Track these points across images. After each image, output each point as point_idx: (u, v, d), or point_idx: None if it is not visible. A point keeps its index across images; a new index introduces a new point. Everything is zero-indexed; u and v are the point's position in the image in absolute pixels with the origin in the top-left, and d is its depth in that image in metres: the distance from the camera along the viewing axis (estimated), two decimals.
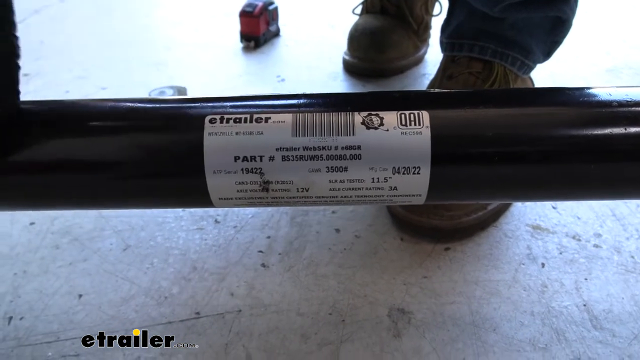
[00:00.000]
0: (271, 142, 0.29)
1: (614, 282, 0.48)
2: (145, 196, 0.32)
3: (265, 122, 0.29)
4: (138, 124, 0.30)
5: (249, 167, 0.29)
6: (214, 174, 0.30)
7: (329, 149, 0.29)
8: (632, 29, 1.07)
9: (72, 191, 0.31)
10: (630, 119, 0.29)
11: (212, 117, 0.30)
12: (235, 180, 0.30)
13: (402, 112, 0.29)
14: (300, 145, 0.29)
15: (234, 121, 0.30)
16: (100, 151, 0.30)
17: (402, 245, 0.52)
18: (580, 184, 0.31)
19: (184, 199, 0.32)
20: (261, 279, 0.49)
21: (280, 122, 0.29)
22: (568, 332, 0.43)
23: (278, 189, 0.30)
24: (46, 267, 0.51)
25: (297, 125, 0.29)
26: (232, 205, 0.32)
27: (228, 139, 0.29)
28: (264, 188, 0.30)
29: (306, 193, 0.30)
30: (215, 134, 0.29)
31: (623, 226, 0.54)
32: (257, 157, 0.29)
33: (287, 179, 0.30)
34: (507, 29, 0.55)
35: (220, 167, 0.29)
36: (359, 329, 0.44)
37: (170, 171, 0.30)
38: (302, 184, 0.30)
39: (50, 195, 0.31)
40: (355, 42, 0.87)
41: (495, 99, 0.31)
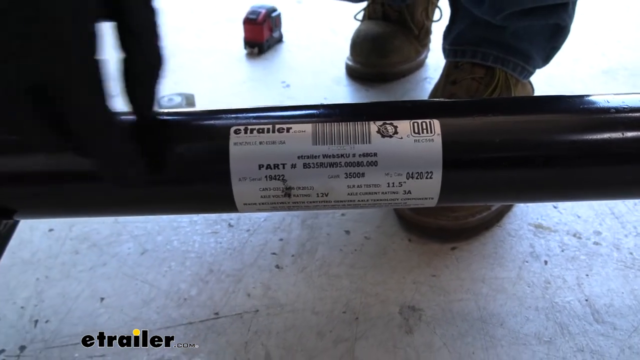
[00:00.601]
0: (293, 150, 0.31)
1: (614, 278, 0.50)
2: (175, 203, 0.34)
3: (287, 131, 0.32)
4: (168, 135, 0.32)
5: (272, 174, 0.31)
6: (239, 182, 0.32)
7: (347, 156, 0.31)
8: (626, 29, 1.10)
9: (109, 199, 0.33)
10: (627, 124, 0.31)
11: (236, 127, 0.32)
12: (259, 187, 0.32)
13: (414, 120, 0.32)
14: (320, 153, 0.31)
15: (257, 131, 0.32)
16: None
17: (410, 246, 0.54)
18: (581, 185, 0.33)
19: (210, 205, 0.34)
20: (276, 280, 0.51)
21: (301, 132, 0.31)
22: (571, 326, 0.45)
23: (299, 194, 0.32)
24: (67, 271, 0.53)
25: (316, 135, 0.31)
26: (255, 210, 0.34)
27: (252, 148, 0.31)
28: (286, 194, 0.32)
29: (326, 198, 0.32)
30: (240, 143, 0.31)
31: (621, 224, 0.57)
32: (280, 165, 0.31)
33: (308, 185, 0.32)
34: (508, 37, 0.57)
35: (245, 174, 0.31)
36: (372, 327, 0.46)
37: (199, 179, 0.32)
38: (322, 190, 0.32)
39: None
40: (358, 47, 0.89)
41: (502, 107, 0.33)
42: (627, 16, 1.17)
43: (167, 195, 0.33)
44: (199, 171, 0.32)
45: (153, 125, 0.32)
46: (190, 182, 0.32)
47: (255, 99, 0.86)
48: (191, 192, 0.33)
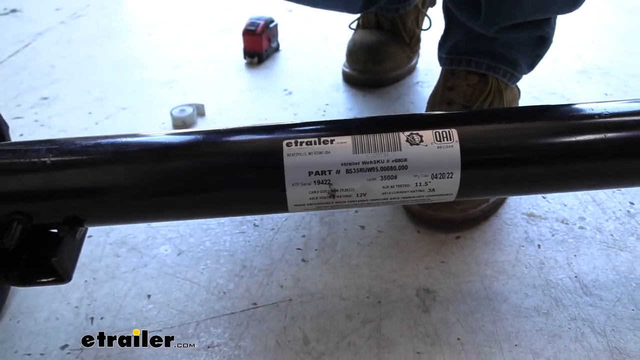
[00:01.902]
0: (337, 159, 0.37)
1: (598, 257, 0.57)
2: (234, 206, 0.40)
3: (331, 143, 0.38)
4: (230, 151, 0.38)
5: (320, 179, 0.38)
6: (292, 186, 0.38)
7: (382, 162, 0.38)
8: (598, 32, 1.19)
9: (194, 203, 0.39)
10: (608, 128, 0.38)
11: (288, 141, 0.38)
12: (309, 190, 0.38)
13: (436, 130, 0.38)
14: (360, 160, 0.37)
15: (306, 144, 0.38)
16: (204, 172, 0.38)
17: (419, 237, 0.61)
18: (573, 179, 0.40)
19: (265, 207, 0.40)
20: (304, 272, 0.57)
21: (343, 143, 0.38)
22: (564, 299, 0.52)
23: (342, 195, 0.38)
24: (112, 273, 0.58)
25: (356, 145, 0.38)
26: (302, 210, 0.40)
27: (303, 158, 0.37)
28: (331, 195, 0.38)
29: (364, 197, 0.39)
30: (292, 154, 0.37)
31: (602, 210, 0.64)
32: (327, 171, 0.37)
33: (350, 187, 0.38)
34: (498, 47, 0.64)
35: (297, 180, 0.38)
36: (394, 308, 0.52)
37: (258, 186, 0.38)
38: (362, 190, 0.38)
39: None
40: (354, 55, 0.95)
41: (507, 117, 0.40)
42: (599, 19, 1.25)
43: (228, 200, 0.39)
44: (258, 179, 0.38)
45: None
46: (250, 188, 0.38)
47: (261, 107, 0.92)
48: (250, 197, 0.39)
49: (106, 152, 0.39)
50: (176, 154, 0.39)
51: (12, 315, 0.53)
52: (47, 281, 0.39)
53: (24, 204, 0.38)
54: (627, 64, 1.02)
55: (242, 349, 0.49)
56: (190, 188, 0.39)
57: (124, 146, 0.39)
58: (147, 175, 0.38)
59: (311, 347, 0.49)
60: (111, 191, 0.39)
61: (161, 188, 0.39)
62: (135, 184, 0.38)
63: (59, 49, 1.21)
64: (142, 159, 0.39)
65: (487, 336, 0.49)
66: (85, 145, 0.39)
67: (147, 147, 0.39)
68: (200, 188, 0.39)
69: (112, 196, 0.39)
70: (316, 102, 0.92)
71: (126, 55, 1.17)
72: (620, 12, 1.30)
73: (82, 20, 1.39)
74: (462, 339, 0.49)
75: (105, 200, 0.40)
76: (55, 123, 0.90)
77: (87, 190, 0.39)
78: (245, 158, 0.38)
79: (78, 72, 1.09)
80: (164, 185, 0.38)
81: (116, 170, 0.39)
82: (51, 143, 0.39)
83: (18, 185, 0.38)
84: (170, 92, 0.98)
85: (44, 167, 0.38)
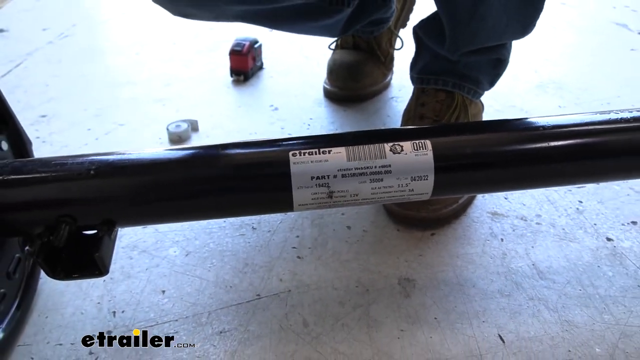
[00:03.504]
0: (334, 166, 0.46)
1: (552, 248, 0.67)
2: (249, 207, 0.48)
3: (328, 153, 0.46)
4: (245, 160, 0.46)
5: (320, 183, 0.46)
6: (298, 189, 0.46)
7: (370, 168, 0.46)
8: (553, 49, 1.31)
9: (216, 206, 0.46)
10: (550, 137, 0.48)
11: (293, 152, 0.46)
12: (311, 192, 0.46)
13: (414, 141, 0.47)
14: (353, 167, 0.46)
15: (308, 154, 0.46)
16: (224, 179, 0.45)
17: (399, 234, 0.70)
18: (525, 179, 0.50)
19: (273, 207, 0.48)
20: (300, 267, 0.65)
21: (339, 153, 0.46)
22: (524, 283, 0.62)
23: (338, 195, 0.47)
24: (127, 273, 0.65)
25: (349, 154, 0.46)
26: (305, 209, 0.48)
27: (307, 165, 0.45)
28: (330, 196, 0.47)
29: (356, 197, 0.47)
30: (297, 163, 0.46)
31: (556, 208, 0.74)
32: (326, 176, 0.46)
33: (344, 189, 0.46)
34: (462, 68, 0.73)
35: (302, 184, 0.46)
36: (379, 295, 0.61)
37: (268, 189, 0.46)
38: (354, 192, 0.47)
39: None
40: (334, 74, 1.04)
41: (471, 129, 0.49)
42: (554, 36, 1.38)
43: (244, 202, 0.47)
44: (269, 183, 0.46)
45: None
46: (262, 191, 0.46)
47: (250, 121, 1.00)
48: (263, 198, 0.47)
49: (139, 164, 0.46)
50: (200, 164, 0.46)
51: (40, 312, 0.59)
52: (89, 274, 0.46)
53: (70, 208, 0.45)
54: (578, 79, 1.14)
55: (251, 333, 0.56)
56: (212, 192, 0.46)
57: (154, 159, 0.47)
58: (176, 184, 0.46)
59: (310, 329, 0.57)
60: (143, 197, 0.46)
61: (186, 194, 0.46)
62: (164, 191, 0.46)
63: (50, 68, 1.26)
64: (170, 170, 0.46)
65: (459, 315, 0.58)
66: (121, 158, 0.46)
67: (174, 159, 0.47)
68: (219, 192, 0.46)
69: (144, 201, 0.47)
70: (301, 117, 1.01)
71: (117, 73, 1.23)
72: (573, 31, 1.43)
73: (69, 40, 1.45)
74: (438, 318, 0.57)
75: (138, 204, 0.47)
76: (57, 139, 0.96)
77: (122, 196, 0.46)
78: (258, 166, 0.46)
79: (72, 90, 1.15)
80: (189, 191, 0.46)
81: (149, 179, 0.46)
82: (91, 157, 0.47)
83: (66, 193, 0.45)
84: (164, 108, 1.05)
85: (88, 176, 0.45)
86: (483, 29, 0.67)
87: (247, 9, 0.72)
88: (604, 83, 1.12)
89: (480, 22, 0.66)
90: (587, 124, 0.48)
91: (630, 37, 1.38)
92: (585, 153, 0.47)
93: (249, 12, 0.74)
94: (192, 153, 0.47)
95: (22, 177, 0.45)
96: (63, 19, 1.61)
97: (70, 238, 0.46)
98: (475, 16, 0.65)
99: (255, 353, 0.54)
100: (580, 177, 0.50)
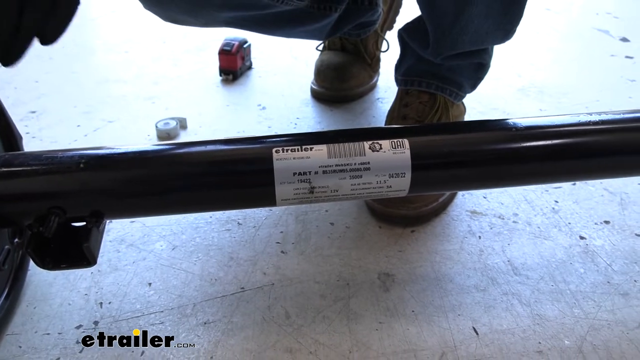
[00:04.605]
0: (315, 162, 0.48)
1: (527, 245, 0.69)
2: (233, 201, 0.49)
3: (310, 150, 0.48)
4: (230, 156, 0.48)
5: (302, 178, 0.48)
6: (280, 184, 0.48)
7: (350, 165, 0.48)
8: (537, 53, 1.34)
9: (200, 200, 0.48)
10: (522, 138, 0.50)
11: (276, 148, 0.48)
12: (293, 187, 0.48)
13: (392, 140, 0.49)
14: (333, 164, 0.48)
15: (291, 151, 0.48)
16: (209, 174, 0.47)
17: (380, 231, 0.72)
18: (499, 177, 0.52)
19: (257, 202, 0.50)
20: (283, 262, 0.67)
21: (320, 150, 0.48)
22: (499, 279, 0.64)
23: (319, 191, 0.49)
24: (115, 265, 0.66)
25: (330, 152, 0.48)
26: (288, 204, 0.50)
27: (289, 162, 0.47)
28: (311, 191, 0.48)
29: (336, 193, 0.49)
30: (280, 159, 0.47)
31: (532, 207, 0.77)
32: (307, 172, 0.48)
33: (325, 184, 0.48)
34: (445, 71, 0.76)
35: (284, 179, 0.48)
36: (360, 289, 0.63)
37: (252, 184, 0.48)
38: (334, 187, 0.49)
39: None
40: (322, 74, 1.06)
41: (447, 130, 0.51)
42: (538, 41, 1.41)
43: (228, 196, 0.49)
44: (253, 179, 0.48)
45: None
46: (247, 186, 0.48)
47: (238, 120, 1.01)
48: (247, 193, 0.49)
49: (128, 158, 0.48)
50: (186, 159, 0.48)
51: (28, 303, 0.61)
52: (77, 264, 0.48)
53: (60, 200, 0.47)
54: (560, 83, 1.17)
55: (234, 324, 0.58)
56: (197, 187, 0.48)
57: (143, 153, 0.48)
58: (163, 178, 0.48)
59: (292, 320, 0.58)
60: (131, 190, 0.48)
61: (173, 188, 0.48)
62: (151, 185, 0.47)
63: (41, 65, 1.27)
64: (157, 164, 0.48)
65: (436, 308, 0.60)
66: (110, 152, 0.48)
67: (161, 154, 0.48)
68: (205, 186, 0.48)
69: (132, 194, 0.48)
70: (288, 116, 1.02)
71: (107, 71, 1.24)
72: (557, 36, 1.46)
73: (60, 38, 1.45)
74: (415, 311, 0.60)
75: (126, 197, 0.49)
76: (46, 135, 0.97)
77: (111, 188, 0.48)
78: (243, 162, 0.48)
79: (62, 87, 1.16)
80: (175, 185, 0.48)
81: (137, 173, 0.48)
82: (81, 150, 0.48)
83: (56, 185, 0.47)
84: (153, 106, 1.07)
85: (78, 169, 0.46)
86: (465, 36, 0.69)
87: (237, 15, 0.74)
88: (584, 87, 1.15)
89: (463, 29, 0.68)
90: (557, 125, 0.50)
91: (611, 43, 1.41)
92: (555, 153, 0.49)
93: (238, 18, 0.76)
94: (179, 149, 0.49)
95: (13, 170, 0.47)
96: None
97: (59, 229, 0.47)
98: (458, 24, 0.68)
99: (238, 343, 0.56)
100: (550, 176, 0.52)
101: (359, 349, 0.55)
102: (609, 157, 0.50)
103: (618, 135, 0.49)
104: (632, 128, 0.50)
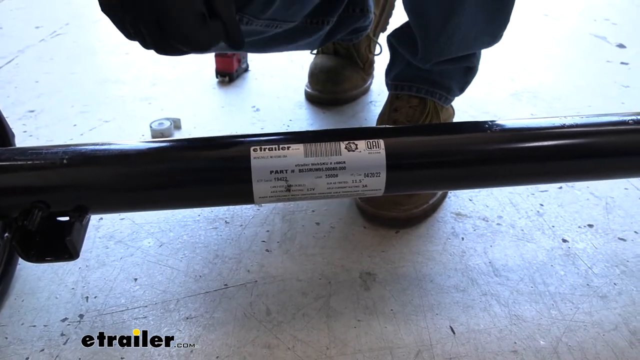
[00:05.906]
0: (292, 161, 0.49)
1: (509, 247, 0.70)
2: (212, 198, 0.51)
3: (287, 149, 0.49)
4: (209, 154, 0.49)
5: (279, 177, 0.49)
6: (257, 182, 0.49)
7: (326, 164, 0.49)
8: (531, 58, 1.35)
9: (181, 197, 0.49)
10: (496, 140, 0.51)
11: (254, 147, 0.49)
12: (270, 185, 0.49)
13: (368, 140, 0.50)
14: (310, 162, 0.49)
15: (268, 149, 0.49)
16: (188, 171, 0.49)
17: (365, 231, 0.73)
18: (472, 178, 0.53)
19: (235, 199, 0.51)
20: (267, 260, 0.68)
21: (297, 149, 0.49)
22: (479, 280, 0.65)
23: (296, 189, 0.50)
24: (102, 261, 0.68)
25: (307, 151, 0.49)
26: (266, 201, 0.51)
27: (266, 160, 0.49)
28: (287, 189, 0.50)
29: (313, 191, 0.50)
30: (258, 157, 0.49)
31: (517, 210, 0.77)
32: (284, 171, 0.49)
33: (301, 183, 0.49)
34: (434, 75, 0.77)
35: (261, 177, 0.49)
36: (341, 287, 0.64)
37: (230, 182, 0.49)
38: (311, 186, 0.50)
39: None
40: (315, 77, 1.07)
41: (421, 131, 0.52)
42: (533, 46, 1.42)
43: (207, 193, 0.50)
44: (231, 176, 0.49)
45: None
46: (224, 184, 0.49)
47: (232, 121, 1.03)
48: (225, 190, 0.50)
49: (111, 154, 0.49)
50: (166, 157, 0.50)
51: (16, 296, 0.62)
52: (60, 257, 0.49)
53: (43, 194, 0.48)
54: (553, 88, 1.18)
55: (216, 319, 0.59)
56: (178, 183, 0.49)
57: (125, 150, 0.50)
58: (144, 174, 0.49)
59: (272, 317, 0.60)
60: (113, 185, 0.50)
61: (154, 184, 0.49)
62: (132, 181, 0.49)
63: (42, 66, 1.29)
64: (139, 161, 0.49)
65: (415, 307, 0.61)
66: (93, 149, 0.50)
67: (143, 152, 0.50)
68: (185, 183, 0.50)
69: (114, 189, 0.50)
70: (281, 118, 1.04)
71: (106, 72, 1.26)
72: (553, 42, 1.47)
73: (62, 39, 1.48)
74: (394, 309, 0.61)
75: (108, 192, 0.50)
76: (43, 134, 0.99)
77: (93, 184, 0.49)
78: (221, 160, 0.49)
79: (62, 87, 1.18)
80: (156, 181, 0.49)
81: (119, 169, 0.49)
82: (65, 147, 0.50)
83: (40, 180, 0.48)
84: (149, 107, 1.08)
85: (61, 165, 0.48)
86: (453, 43, 0.70)
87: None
88: (578, 92, 1.16)
89: (450, 37, 0.70)
90: (530, 128, 0.51)
91: (607, 49, 1.42)
92: (526, 155, 0.50)
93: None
94: (161, 146, 0.50)
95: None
96: (56, 17, 1.65)
97: (43, 223, 0.49)
98: (445, 32, 0.69)
99: (218, 338, 0.57)
100: (522, 178, 0.53)
101: (336, 346, 0.56)
102: (576, 160, 0.51)
103: (589, 138, 0.50)
104: (605, 132, 0.51)
